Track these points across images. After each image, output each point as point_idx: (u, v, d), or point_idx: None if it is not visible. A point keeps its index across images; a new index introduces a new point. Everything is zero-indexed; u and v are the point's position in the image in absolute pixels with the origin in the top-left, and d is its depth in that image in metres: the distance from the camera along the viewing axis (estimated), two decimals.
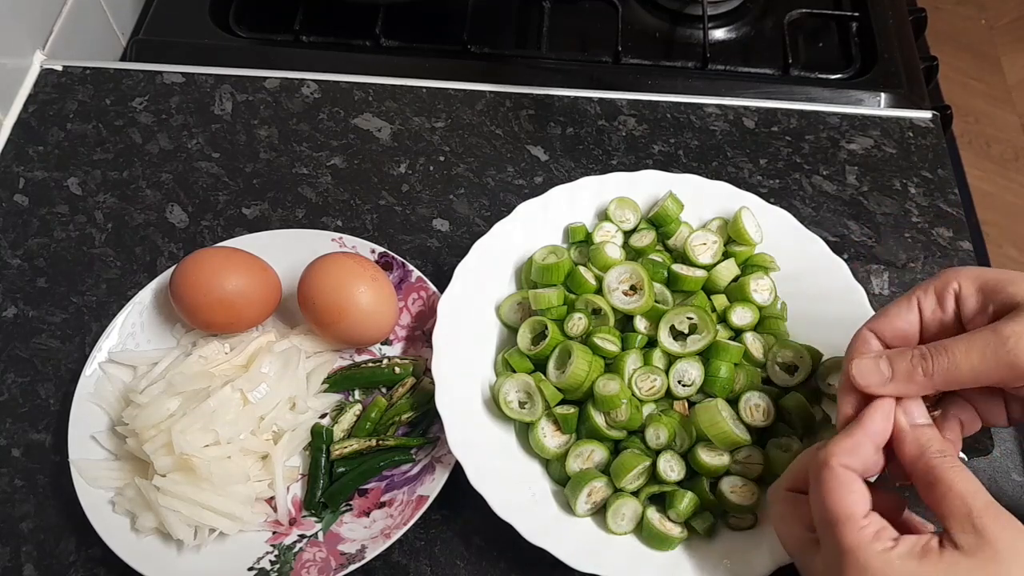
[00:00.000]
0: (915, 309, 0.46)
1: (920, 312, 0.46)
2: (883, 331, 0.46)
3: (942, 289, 0.45)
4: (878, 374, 0.44)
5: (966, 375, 0.42)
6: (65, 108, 0.75)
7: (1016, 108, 1.90)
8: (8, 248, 0.67)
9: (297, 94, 0.76)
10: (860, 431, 0.43)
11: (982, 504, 0.39)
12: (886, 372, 0.44)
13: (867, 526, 0.40)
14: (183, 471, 0.53)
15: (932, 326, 0.46)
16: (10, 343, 0.63)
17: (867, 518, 0.41)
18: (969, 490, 0.39)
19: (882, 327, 0.46)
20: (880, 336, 0.46)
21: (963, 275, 0.45)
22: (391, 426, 0.58)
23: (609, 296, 0.56)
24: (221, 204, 0.70)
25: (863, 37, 0.83)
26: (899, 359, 0.44)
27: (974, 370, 0.42)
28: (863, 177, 0.71)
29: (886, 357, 0.44)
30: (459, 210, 0.69)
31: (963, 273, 0.45)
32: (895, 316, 0.46)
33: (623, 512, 0.52)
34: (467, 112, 0.74)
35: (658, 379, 0.55)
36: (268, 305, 0.60)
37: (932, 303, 0.46)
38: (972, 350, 0.42)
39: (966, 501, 0.39)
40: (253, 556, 0.54)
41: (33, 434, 0.60)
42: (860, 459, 0.43)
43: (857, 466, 0.42)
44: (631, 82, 0.78)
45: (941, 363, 0.43)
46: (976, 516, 0.38)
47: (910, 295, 0.46)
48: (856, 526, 0.40)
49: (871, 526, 0.40)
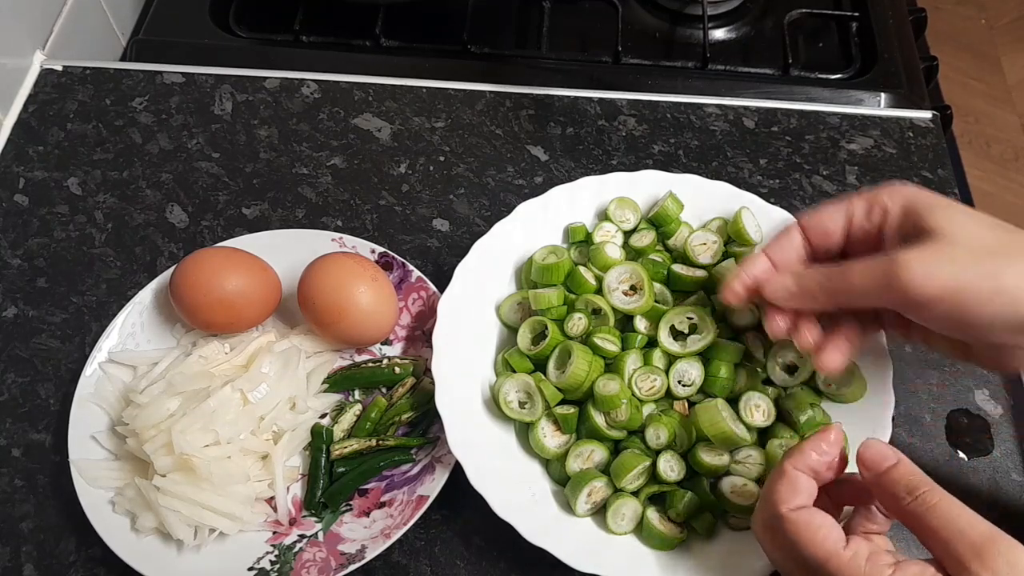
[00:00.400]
0: (844, 213, 0.48)
1: (849, 218, 0.48)
2: (809, 226, 0.49)
3: (872, 201, 0.47)
4: (783, 289, 0.48)
5: (857, 294, 0.45)
6: (65, 108, 0.75)
7: (1016, 108, 1.90)
8: (8, 248, 0.67)
9: (297, 94, 0.76)
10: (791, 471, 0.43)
11: (969, 546, 0.37)
12: (792, 287, 0.47)
13: (855, 556, 0.40)
14: (183, 471, 0.53)
15: (857, 233, 0.48)
16: (10, 343, 0.63)
17: (849, 547, 0.40)
18: (955, 532, 0.38)
19: (809, 222, 0.49)
20: (806, 230, 0.49)
21: (896, 192, 0.47)
22: (391, 426, 0.58)
23: (609, 296, 0.56)
24: (221, 204, 0.70)
25: (863, 37, 0.83)
26: (803, 277, 0.47)
27: (868, 295, 0.44)
28: (863, 177, 0.71)
29: (793, 275, 0.48)
30: (459, 210, 0.69)
31: (897, 191, 0.47)
32: (825, 216, 0.49)
33: (623, 512, 0.52)
34: (467, 112, 0.74)
35: (658, 379, 0.55)
36: (268, 305, 0.60)
37: (862, 212, 0.48)
38: (866, 273, 0.44)
39: (954, 547, 0.38)
40: (253, 556, 0.54)
41: (33, 434, 0.60)
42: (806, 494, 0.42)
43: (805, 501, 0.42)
44: (631, 82, 0.78)
45: (839, 284, 0.45)
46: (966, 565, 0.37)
47: (845, 199, 0.48)
48: (842, 560, 0.39)
49: (859, 554, 0.40)
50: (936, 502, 0.39)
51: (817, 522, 0.41)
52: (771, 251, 0.50)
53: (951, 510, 0.39)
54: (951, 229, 0.43)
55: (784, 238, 0.50)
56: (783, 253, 0.50)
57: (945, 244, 0.43)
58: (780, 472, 0.44)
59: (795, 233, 0.50)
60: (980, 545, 0.37)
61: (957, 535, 0.38)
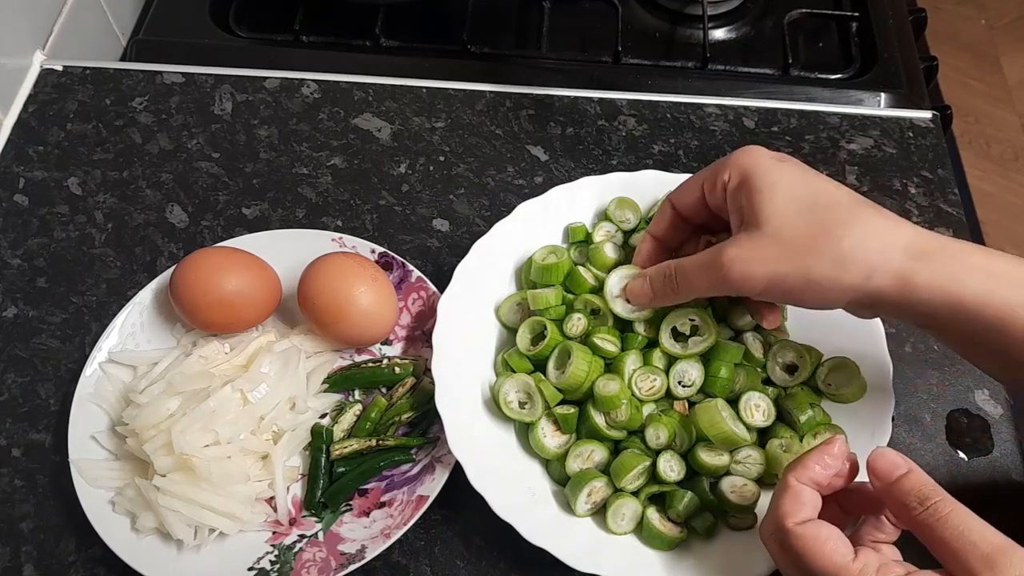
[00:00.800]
0: (699, 187, 0.52)
1: (702, 190, 0.52)
2: (675, 201, 0.54)
3: (715, 176, 0.50)
4: (643, 294, 0.54)
5: (701, 292, 0.51)
6: (65, 108, 0.75)
7: (1016, 108, 1.90)
8: (8, 248, 0.67)
9: (297, 94, 0.76)
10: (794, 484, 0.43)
11: (980, 558, 0.37)
12: (648, 291, 0.53)
13: (865, 567, 0.39)
14: (183, 471, 0.53)
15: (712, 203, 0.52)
16: (10, 343, 0.63)
17: (858, 560, 0.40)
18: (966, 544, 0.38)
19: (675, 197, 0.54)
20: (675, 204, 0.54)
21: (733, 167, 0.49)
22: (391, 426, 0.58)
23: (611, 303, 0.55)
24: (221, 204, 0.70)
25: (863, 37, 0.83)
26: (656, 281, 0.53)
27: (706, 289, 0.50)
28: (863, 177, 0.71)
29: (647, 279, 0.53)
30: (459, 210, 0.69)
31: (734, 164, 0.49)
32: (684, 190, 0.53)
33: (623, 512, 0.52)
34: (467, 112, 0.74)
35: (658, 379, 0.55)
36: (268, 305, 0.60)
37: (709, 184, 0.51)
38: (701, 273, 0.49)
39: (965, 559, 0.37)
40: (253, 556, 0.54)
41: (33, 434, 0.60)
42: (810, 507, 0.42)
43: (810, 514, 0.42)
44: (631, 82, 0.78)
45: (683, 286, 0.51)
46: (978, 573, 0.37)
47: (698, 175, 0.52)
48: (852, 574, 0.39)
49: (869, 565, 0.39)
50: (948, 512, 0.39)
51: (824, 535, 0.41)
52: (652, 230, 0.55)
53: (963, 521, 0.39)
54: (768, 218, 0.46)
55: (659, 216, 0.55)
56: (662, 231, 0.55)
57: (761, 237, 0.46)
58: (784, 486, 0.43)
59: (667, 209, 0.54)
60: (991, 557, 0.37)
61: (969, 547, 0.37)
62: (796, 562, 0.41)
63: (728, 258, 0.47)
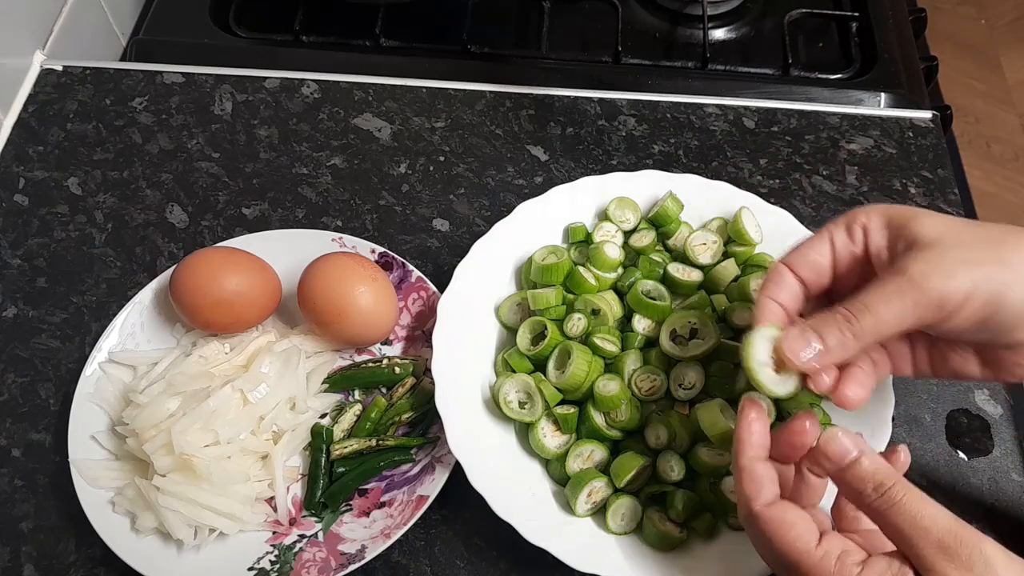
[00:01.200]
0: (827, 242, 0.46)
1: (832, 245, 0.46)
2: (796, 264, 0.46)
3: (851, 223, 0.46)
4: (810, 350, 0.43)
5: (892, 324, 0.42)
6: (65, 108, 0.75)
7: (1016, 108, 1.90)
8: (8, 248, 0.67)
9: (297, 94, 0.76)
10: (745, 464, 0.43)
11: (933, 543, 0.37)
12: (817, 346, 0.43)
13: (825, 556, 0.39)
14: (183, 471, 0.53)
15: (844, 259, 0.46)
16: (10, 343, 0.63)
17: (821, 546, 0.40)
18: (918, 530, 0.38)
19: (796, 260, 0.46)
20: (793, 269, 0.46)
21: (872, 211, 0.46)
22: (391, 426, 0.58)
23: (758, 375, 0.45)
24: (221, 204, 0.70)
25: (863, 37, 0.83)
26: (826, 328, 0.43)
27: (898, 317, 0.41)
28: (863, 177, 0.71)
29: (811, 329, 0.43)
30: (459, 210, 0.69)
31: (872, 209, 0.46)
32: (808, 248, 0.46)
33: (623, 512, 0.52)
34: (467, 112, 0.74)
35: (658, 379, 0.55)
36: (268, 305, 0.60)
37: (843, 237, 0.46)
38: (890, 299, 0.41)
39: (917, 546, 0.37)
40: (253, 556, 0.54)
41: (33, 434, 0.60)
42: (768, 482, 0.42)
43: (772, 492, 0.42)
44: (631, 82, 0.78)
45: (867, 322, 0.42)
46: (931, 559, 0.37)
47: (822, 230, 0.47)
48: (813, 560, 0.39)
49: (830, 553, 0.39)
50: (901, 498, 0.39)
51: (789, 519, 0.41)
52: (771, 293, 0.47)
53: (916, 506, 0.38)
54: (941, 232, 0.42)
55: (779, 282, 0.46)
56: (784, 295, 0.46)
57: (946, 246, 0.42)
58: (737, 469, 0.43)
59: (787, 275, 0.47)
60: (944, 542, 0.37)
61: (921, 532, 0.37)
62: (765, 545, 0.42)
63: (921, 269, 0.41)
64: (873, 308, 0.42)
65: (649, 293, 0.57)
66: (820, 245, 0.46)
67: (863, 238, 0.46)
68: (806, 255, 0.46)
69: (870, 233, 0.45)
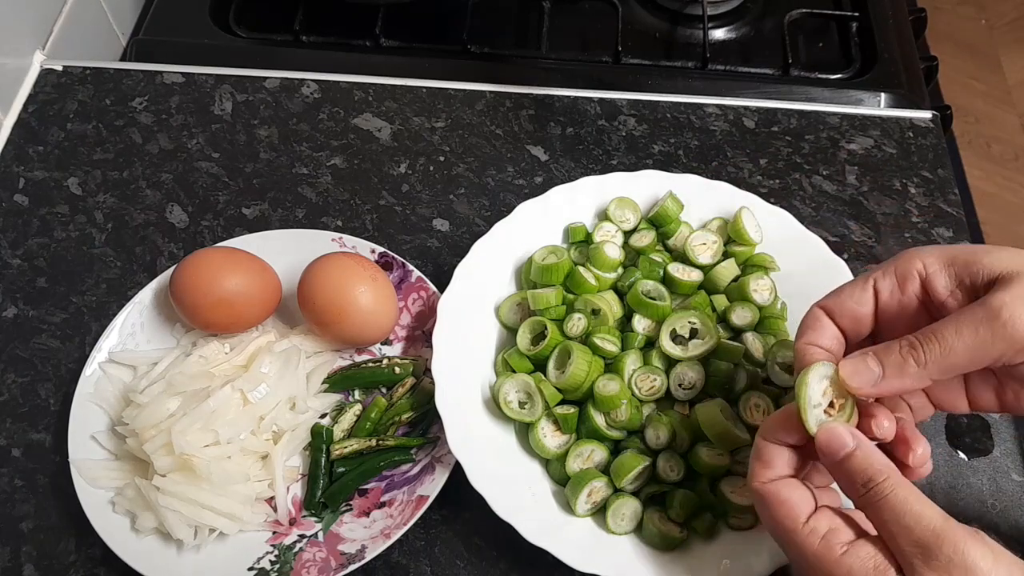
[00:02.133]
0: (870, 291, 0.43)
1: (876, 294, 0.43)
2: (835, 311, 0.44)
3: (904, 271, 0.43)
4: (868, 373, 0.41)
5: (962, 358, 0.39)
6: (65, 108, 0.75)
7: (1016, 108, 1.90)
8: (8, 248, 0.67)
9: (297, 94, 0.76)
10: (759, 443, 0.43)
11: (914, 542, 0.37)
12: (876, 370, 0.40)
13: (811, 532, 0.40)
14: (183, 471, 0.53)
15: (890, 310, 0.43)
16: (10, 343, 0.63)
17: (808, 523, 0.40)
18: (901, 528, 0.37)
19: (834, 307, 0.44)
20: (831, 315, 0.44)
21: (927, 255, 0.42)
22: (391, 426, 0.58)
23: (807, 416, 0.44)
24: (221, 204, 0.70)
25: (863, 37, 0.83)
26: (887, 354, 0.40)
27: (970, 351, 0.39)
28: (863, 177, 0.71)
29: (873, 354, 0.41)
30: (459, 210, 0.69)
31: (926, 253, 0.42)
32: (847, 297, 0.43)
33: (623, 512, 0.52)
34: (467, 112, 0.74)
35: (658, 379, 0.55)
36: (268, 305, 0.60)
37: (890, 285, 0.43)
38: (963, 330, 0.39)
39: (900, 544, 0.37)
40: (253, 556, 0.54)
41: (33, 434, 0.60)
42: (778, 463, 0.42)
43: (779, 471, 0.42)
44: (631, 82, 0.78)
45: (933, 351, 0.39)
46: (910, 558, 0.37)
47: (866, 277, 0.43)
48: (800, 536, 0.40)
49: (816, 530, 0.40)
50: (888, 494, 0.38)
51: (783, 496, 0.41)
52: (810, 339, 0.44)
53: (902, 503, 0.38)
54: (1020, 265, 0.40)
55: (817, 329, 0.44)
56: (825, 340, 0.44)
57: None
58: (754, 446, 0.44)
59: (824, 321, 0.44)
60: (924, 541, 0.37)
61: (902, 531, 0.37)
62: (765, 520, 0.42)
63: (1002, 303, 0.38)
64: (942, 337, 0.39)
65: (649, 293, 0.57)
66: (861, 294, 0.43)
67: (919, 287, 0.43)
68: (844, 304, 0.43)
69: (931, 278, 0.42)
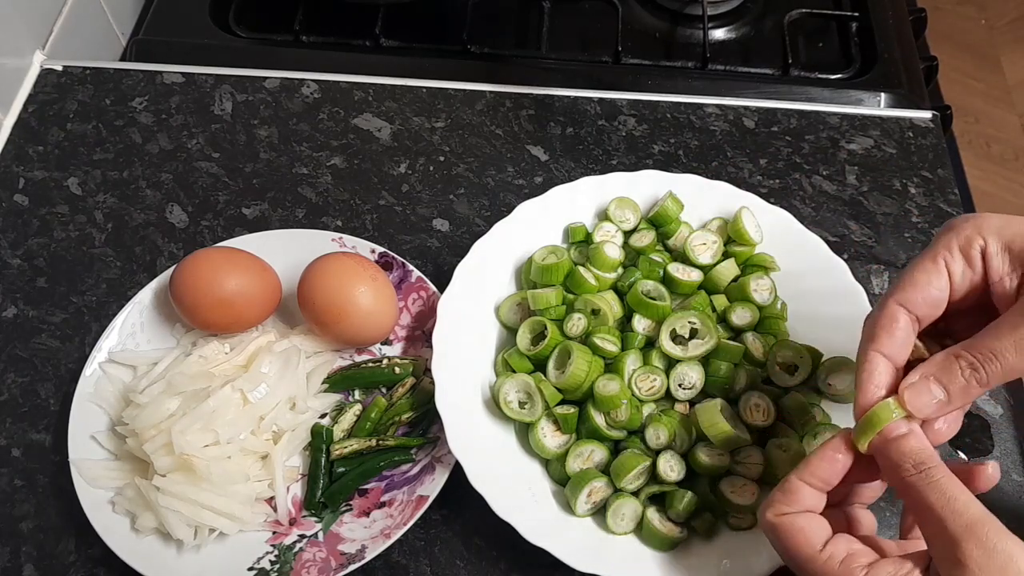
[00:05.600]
0: (944, 273, 0.42)
1: (950, 275, 0.42)
2: (913, 302, 0.42)
3: (967, 248, 0.42)
4: (930, 398, 0.41)
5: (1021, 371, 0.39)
6: (65, 108, 0.75)
7: (1016, 108, 1.90)
8: (8, 248, 0.67)
9: (297, 94, 0.76)
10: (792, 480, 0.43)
11: (963, 525, 0.37)
12: (940, 396, 0.41)
13: (830, 558, 0.40)
14: (183, 471, 0.53)
15: (962, 289, 0.42)
16: (10, 343, 0.63)
17: (825, 549, 0.40)
18: (950, 511, 0.38)
19: (912, 297, 0.42)
20: (908, 308, 0.42)
21: (985, 230, 0.41)
22: (391, 426, 0.58)
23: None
24: (221, 204, 0.70)
25: (863, 37, 0.83)
26: (949, 377, 0.40)
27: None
28: (863, 177, 0.71)
29: (935, 379, 0.41)
30: (459, 210, 0.69)
31: (985, 227, 0.41)
32: (925, 284, 0.42)
33: (623, 512, 0.52)
34: (467, 112, 0.74)
35: (658, 379, 0.55)
36: (268, 305, 0.60)
37: (961, 264, 0.42)
38: (1021, 344, 0.38)
39: (948, 525, 0.37)
40: (253, 556, 0.54)
41: (33, 434, 0.60)
42: (799, 504, 0.42)
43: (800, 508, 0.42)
44: (631, 82, 0.78)
45: (994, 370, 0.39)
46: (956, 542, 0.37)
47: (935, 257, 0.42)
48: (819, 562, 0.40)
49: (834, 556, 0.40)
50: (939, 479, 0.39)
51: (799, 525, 0.41)
52: (884, 348, 0.43)
53: (951, 490, 0.38)
54: None
55: (891, 329, 0.42)
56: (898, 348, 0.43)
57: None
58: (783, 480, 0.43)
59: (901, 315, 0.42)
60: (973, 526, 0.37)
61: (953, 514, 0.37)
62: (781, 552, 0.43)
63: None
64: (1002, 356, 0.39)
65: (649, 293, 0.57)
66: (937, 278, 0.42)
67: (981, 264, 0.42)
68: (925, 291, 0.42)
69: (989, 258, 0.41)
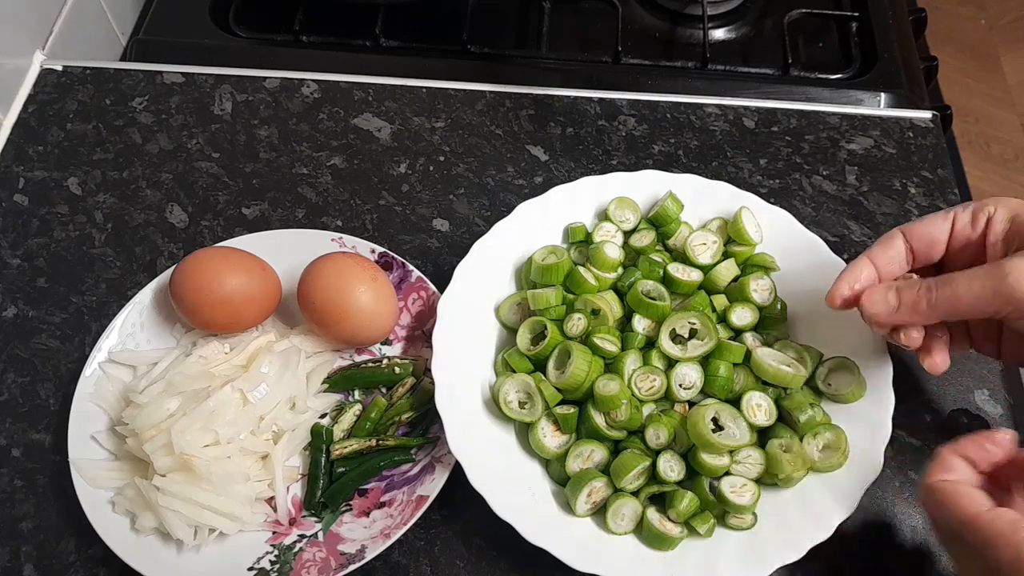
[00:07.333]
0: (949, 220, 0.49)
1: (953, 224, 0.49)
2: (912, 233, 0.50)
3: (979, 209, 0.48)
4: (885, 304, 0.48)
5: (965, 305, 0.45)
6: (65, 108, 0.75)
7: (1016, 108, 1.90)
8: (8, 248, 0.67)
9: (297, 94, 0.76)
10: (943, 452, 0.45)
11: None
12: (893, 302, 0.48)
13: (998, 516, 0.40)
14: (183, 471, 0.53)
15: (959, 239, 0.49)
16: (10, 343, 0.63)
17: (993, 510, 0.41)
18: None
19: (912, 230, 0.50)
20: (908, 237, 0.50)
21: (1002, 203, 0.48)
22: (391, 426, 0.58)
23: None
24: (221, 204, 0.70)
25: (863, 37, 0.83)
26: (907, 291, 0.47)
27: (972, 299, 0.45)
28: (863, 177, 0.71)
29: (895, 289, 0.48)
30: (459, 210, 0.69)
31: (1003, 201, 0.48)
32: (929, 223, 0.50)
33: (623, 512, 0.52)
34: (467, 112, 0.74)
35: (658, 379, 0.55)
36: (268, 305, 0.60)
37: (967, 219, 0.49)
38: (975, 284, 0.45)
39: None
40: (253, 556, 0.54)
41: (33, 434, 0.60)
42: (956, 473, 0.44)
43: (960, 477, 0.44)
44: (631, 82, 0.78)
45: (944, 293, 0.46)
46: None
47: (948, 210, 0.50)
48: (984, 520, 0.40)
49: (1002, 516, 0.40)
50: None
51: (962, 491, 0.42)
52: (875, 257, 0.50)
53: None
54: None
55: (888, 245, 0.50)
56: (887, 261, 0.50)
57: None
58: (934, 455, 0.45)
59: (899, 240, 0.50)
60: None
61: None
62: (936, 518, 0.43)
63: (1013, 268, 0.44)
64: (955, 284, 0.46)
65: (649, 293, 0.57)
66: (942, 222, 0.49)
67: (985, 226, 0.48)
68: (925, 227, 0.50)
69: (993, 223, 0.48)
